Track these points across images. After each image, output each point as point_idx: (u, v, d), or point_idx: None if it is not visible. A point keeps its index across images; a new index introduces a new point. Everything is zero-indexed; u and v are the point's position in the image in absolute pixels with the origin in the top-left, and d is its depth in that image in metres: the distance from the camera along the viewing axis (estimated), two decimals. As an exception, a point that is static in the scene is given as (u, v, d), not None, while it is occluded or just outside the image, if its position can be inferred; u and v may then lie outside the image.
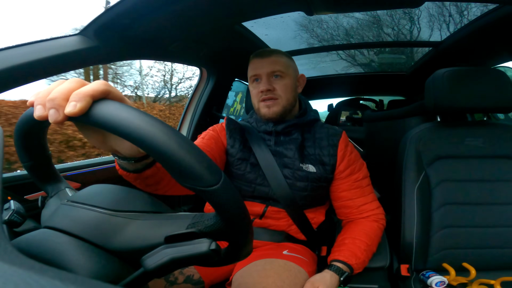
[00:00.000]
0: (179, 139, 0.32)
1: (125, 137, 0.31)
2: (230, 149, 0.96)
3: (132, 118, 0.31)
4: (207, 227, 0.38)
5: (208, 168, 0.33)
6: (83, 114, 0.31)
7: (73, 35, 0.76)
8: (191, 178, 0.32)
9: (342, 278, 0.81)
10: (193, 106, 1.55)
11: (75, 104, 0.30)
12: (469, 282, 0.93)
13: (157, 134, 0.31)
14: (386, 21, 1.33)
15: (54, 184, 0.49)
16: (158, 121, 0.32)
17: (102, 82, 0.33)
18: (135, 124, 0.31)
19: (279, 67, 0.90)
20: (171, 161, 0.31)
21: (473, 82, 0.97)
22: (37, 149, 0.44)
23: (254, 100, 0.95)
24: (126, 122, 0.31)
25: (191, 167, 0.32)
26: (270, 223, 0.94)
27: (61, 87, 0.32)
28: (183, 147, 0.32)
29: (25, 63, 0.63)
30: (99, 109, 0.32)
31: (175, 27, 0.90)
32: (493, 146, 1.03)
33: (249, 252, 0.44)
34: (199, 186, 0.33)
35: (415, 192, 1.04)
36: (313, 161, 0.92)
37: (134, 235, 0.39)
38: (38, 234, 0.38)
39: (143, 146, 0.31)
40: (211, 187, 0.33)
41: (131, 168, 0.51)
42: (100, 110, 0.32)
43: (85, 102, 0.31)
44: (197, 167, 0.32)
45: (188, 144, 0.33)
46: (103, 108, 0.32)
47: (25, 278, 0.18)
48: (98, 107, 0.32)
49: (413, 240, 1.02)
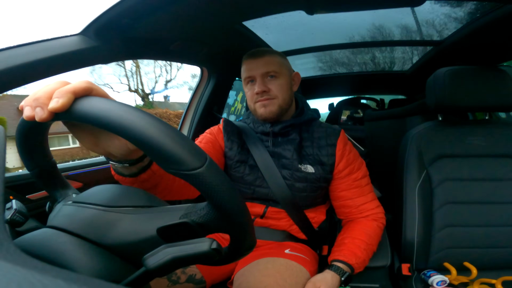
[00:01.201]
0: (159, 124, 0.33)
1: (107, 128, 0.32)
2: (228, 152, 0.96)
3: (111, 108, 0.32)
4: (200, 217, 0.37)
5: (190, 151, 0.33)
6: (66, 110, 0.33)
7: (73, 35, 0.76)
8: (174, 162, 0.32)
9: (343, 278, 0.81)
10: (193, 106, 1.55)
11: (57, 100, 0.32)
12: (471, 282, 0.93)
13: (136, 121, 0.32)
14: (387, 20, 1.32)
15: (61, 190, 0.49)
16: (138, 110, 0.33)
17: (85, 81, 0.35)
18: (115, 114, 0.32)
19: (273, 67, 0.89)
20: (152, 146, 0.32)
21: (475, 81, 0.97)
22: (40, 155, 0.45)
23: (249, 101, 0.94)
24: (106, 113, 0.32)
25: (172, 151, 0.32)
26: (271, 223, 0.94)
27: (45, 88, 0.35)
28: (163, 132, 0.32)
29: (26, 63, 0.63)
30: (81, 104, 0.33)
31: (175, 26, 0.90)
32: (494, 145, 1.03)
33: (251, 246, 0.43)
34: (182, 170, 0.32)
35: (416, 191, 1.04)
36: (312, 161, 0.92)
37: (127, 229, 0.39)
38: (40, 233, 0.38)
39: (125, 134, 0.32)
40: (194, 170, 0.32)
41: (126, 172, 0.52)
42: (81, 105, 0.33)
43: (66, 98, 0.33)
44: (179, 150, 0.32)
45: (168, 128, 0.33)
46: (84, 103, 0.33)
47: (28, 277, 0.18)
48: (80, 103, 0.33)
49: (414, 239, 1.02)
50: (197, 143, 0.94)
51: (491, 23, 0.99)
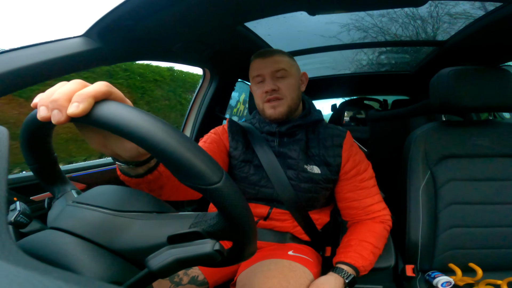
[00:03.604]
0: (180, 137, 0.32)
1: (126, 137, 0.32)
2: (233, 152, 0.95)
3: (132, 117, 0.31)
4: (210, 226, 0.38)
5: (209, 166, 0.33)
6: (85, 115, 0.32)
7: (77, 36, 0.76)
8: (192, 176, 0.32)
9: (348, 280, 0.80)
10: (196, 107, 1.56)
11: (77, 105, 0.31)
12: (476, 283, 0.92)
13: (157, 133, 0.31)
14: (390, 21, 1.32)
15: (60, 186, 0.49)
16: (159, 120, 0.33)
17: (104, 83, 0.34)
18: (136, 123, 0.31)
19: (283, 66, 0.90)
20: (172, 159, 0.31)
21: (479, 81, 0.96)
22: (42, 151, 0.45)
23: (258, 100, 0.94)
24: (127, 122, 0.31)
25: (192, 165, 0.32)
26: (275, 224, 0.93)
27: (63, 89, 0.33)
28: (183, 145, 0.32)
29: (29, 65, 0.63)
30: (101, 110, 0.32)
31: (178, 28, 0.91)
32: (499, 145, 1.02)
33: (253, 252, 0.44)
34: (200, 185, 0.33)
35: (421, 192, 1.03)
36: (318, 162, 0.91)
37: (137, 235, 0.39)
38: (43, 235, 0.38)
39: (144, 145, 0.31)
40: (212, 186, 0.33)
41: (133, 173, 0.52)
42: (102, 111, 0.32)
43: (87, 103, 0.31)
44: (198, 165, 0.32)
45: (188, 142, 0.33)
46: (104, 109, 0.32)
47: (30, 279, 0.18)
48: (100, 108, 0.32)
49: (419, 240, 1.01)
50: (202, 142, 0.94)
51: (495, 23, 0.99)
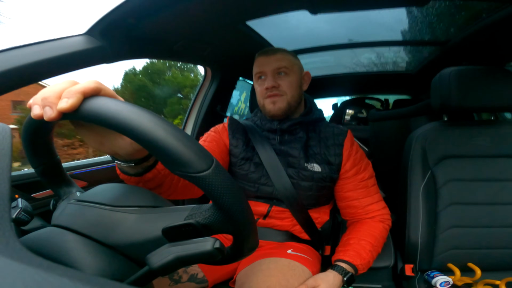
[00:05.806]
0: (167, 126, 0.33)
1: (114, 128, 0.32)
2: (234, 149, 0.96)
3: (119, 109, 0.32)
4: (205, 218, 0.38)
5: (197, 153, 0.33)
6: (75, 110, 0.33)
7: (79, 35, 0.76)
8: (181, 164, 0.32)
9: (346, 278, 0.80)
10: (197, 105, 1.56)
11: (66, 101, 0.33)
12: (474, 283, 0.92)
13: (144, 122, 0.32)
14: (392, 20, 1.31)
15: (65, 187, 0.50)
16: (146, 111, 0.33)
17: (93, 80, 0.35)
18: (123, 114, 0.32)
19: (284, 63, 0.91)
20: (160, 147, 0.32)
21: (480, 81, 0.96)
22: (45, 153, 0.45)
23: (259, 97, 0.95)
24: (115, 114, 0.32)
25: (179, 153, 0.32)
26: (274, 223, 0.94)
27: (54, 87, 0.35)
28: (170, 134, 0.32)
29: (31, 63, 0.64)
30: (89, 104, 0.33)
31: (179, 26, 0.91)
32: (500, 145, 1.02)
33: (254, 247, 0.44)
34: (189, 173, 0.33)
35: (421, 191, 1.03)
36: (319, 160, 0.92)
37: (132, 229, 0.39)
38: (45, 232, 0.39)
39: (132, 135, 0.32)
40: (201, 173, 0.33)
41: (132, 171, 0.53)
42: (90, 105, 0.33)
43: (76, 98, 0.33)
44: (186, 152, 0.32)
45: (176, 130, 0.33)
46: (92, 103, 0.33)
47: (34, 276, 0.18)
48: (88, 103, 0.33)
49: (418, 240, 1.01)
50: (202, 141, 0.95)
51: (497, 23, 0.98)
